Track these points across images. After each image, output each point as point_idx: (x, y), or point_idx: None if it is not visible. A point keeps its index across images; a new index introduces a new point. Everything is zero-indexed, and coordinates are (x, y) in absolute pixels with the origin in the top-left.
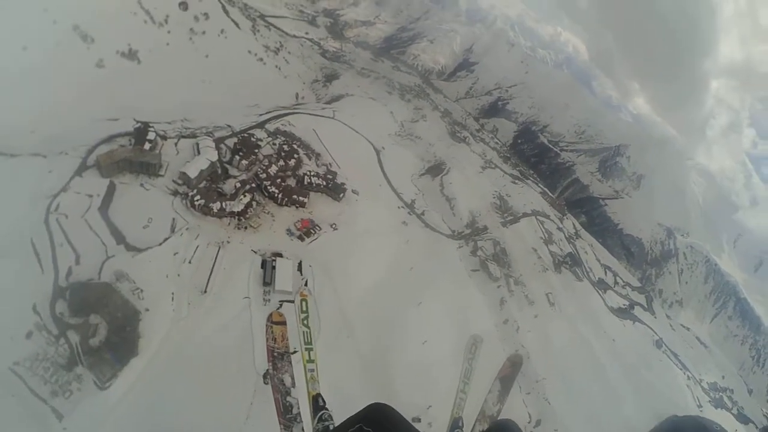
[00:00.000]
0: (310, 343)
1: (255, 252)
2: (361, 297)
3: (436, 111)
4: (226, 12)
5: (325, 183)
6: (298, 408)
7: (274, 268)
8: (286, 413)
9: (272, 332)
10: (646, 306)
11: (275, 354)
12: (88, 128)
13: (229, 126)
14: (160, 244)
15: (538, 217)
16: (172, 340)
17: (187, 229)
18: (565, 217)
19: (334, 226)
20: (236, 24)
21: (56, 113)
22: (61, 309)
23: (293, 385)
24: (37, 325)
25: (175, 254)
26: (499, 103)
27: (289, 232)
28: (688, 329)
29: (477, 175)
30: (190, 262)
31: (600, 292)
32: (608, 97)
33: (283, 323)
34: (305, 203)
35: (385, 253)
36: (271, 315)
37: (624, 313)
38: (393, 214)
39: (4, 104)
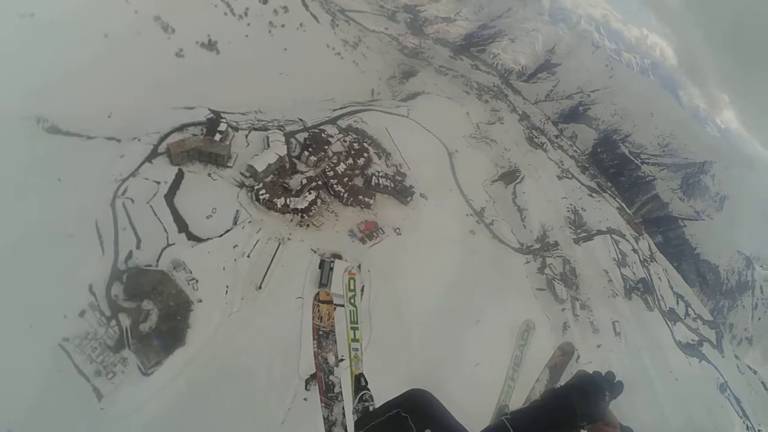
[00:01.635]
0: (356, 322)
1: (314, 251)
2: (418, 308)
3: (514, 114)
4: (306, 6)
5: (393, 185)
6: (340, 387)
7: (331, 269)
8: (328, 392)
9: (319, 311)
10: (715, 343)
11: (321, 333)
12: (163, 116)
13: (301, 120)
14: (221, 236)
15: (613, 235)
16: (221, 334)
17: (249, 222)
18: (641, 238)
19: (398, 230)
20: (315, 18)
21: (134, 100)
22: (117, 291)
23: (336, 364)
24: (92, 304)
25: (234, 247)
26: (581, 108)
27: (352, 233)
28: (755, 372)
29: (552, 185)
30: (248, 256)
31: (669, 324)
32: (695, 108)
33: (330, 302)
34: (371, 204)
35: (449, 263)
36: (318, 293)
37: (692, 349)
38: (461, 221)
39: (86, 89)
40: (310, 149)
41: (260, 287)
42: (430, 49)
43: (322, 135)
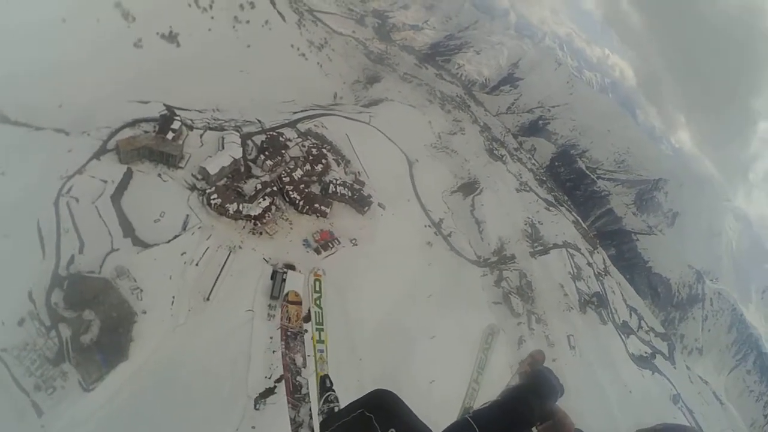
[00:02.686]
0: (321, 324)
1: (266, 261)
2: (372, 322)
3: (475, 125)
4: (273, 3)
5: (350, 193)
6: (307, 388)
7: (284, 281)
8: (296, 393)
9: (287, 311)
10: (667, 355)
11: (289, 333)
12: (117, 109)
13: (259, 121)
14: (169, 242)
15: (568, 249)
16: (165, 349)
17: (199, 228)
18: (596, 252)
19: (354, 241)
20: (282, 16)
21: (87, 90)
22: (57, 299)
23: (304, 365)
24: (31, 313)
25: (182, 254)
26: (540, 122)
27: (306, 243)
28: (706, 383)
29: (510, 198)
30: (197, 265)
31: (623, 337)
32: (651, 127)
33: (299, 303)
34: (327, 213)
35: (405, 275)
36: (287, 294)
37: (644, 362)
38: (418, 233)
39: (37, 75)
40: (267, 153)
41: (208, 298)
42: (395, 56)
43: (280, 138)
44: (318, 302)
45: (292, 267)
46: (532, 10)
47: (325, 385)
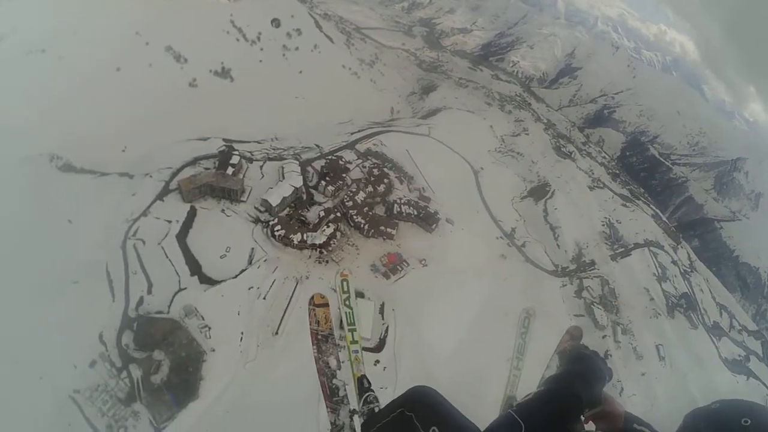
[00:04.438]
0: (353, 324)
1: (334, 290)
2: (447, 349)
3: (539, 123)
4: (319, 27)
5: (416, 212)
6: (345, 390)
7: None
8: (333, 396)
9: (315, 315)
10: (761, 355)
11: (320, 337)
12: (177, 148)
13: (318, 146)
14: (236, 277)
15: (651, 248)
16: (235, 386)
17: (265, 260)
18: (679, 246)
19: (423, 262)
20: (329, 38)
21: (148, 133)
22: (127, 340)
23: (339, 367)
24: (102, 355)
25: (249, 289)
26: (605, 111)
27: (374, 267)
28: None
29: (584, 197)
30: (264, 299)
31: (715, 341)
32: (721, 103)
33: (326, 305)
34: (393, 235)
35: (479, 293)
36: (312, 297)
37: (738, 366)
38: (490, 246)
39: (100, 123)
40: (328, 178)
41: (277, 332)
42: (448, 62)
43: (340, 162)
44: (347, 302)
45: (361, 294)
46: None
47: (363, 385)
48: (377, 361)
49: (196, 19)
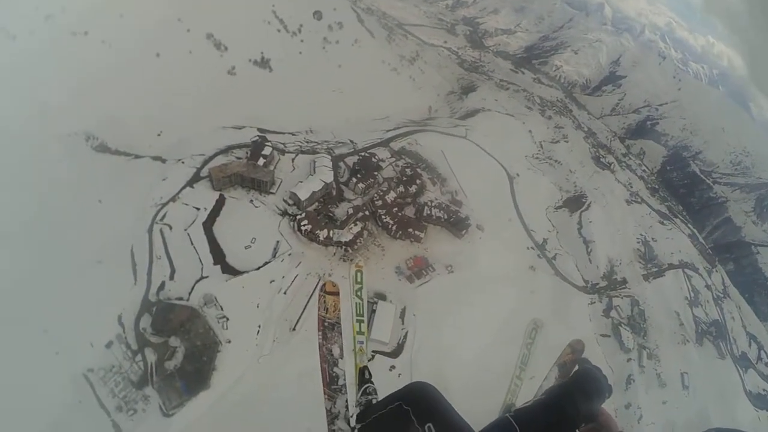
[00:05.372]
0: (362, 315)
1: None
2: (466, 360)
3: (579, 130)
4: (361, 21)
5: (446, 216)
6: (344, 380)
7: (373, 311)
8: (332, 384)
9: (325, 302)
10: None
11: (326, 324)
12: (212, 135)
13: (351, 142)
14: (258, 269)
15: (686, 270)
16: (248, 379)
17: (289, 254)
18: (714, 270)
19: (450, 268)
20: (371, 33)
21: (184, 118)
22: (145, 324)
23: (341, 356)
24: (119, 336)
25: (271, 282)
26: (648, 122)
27: (399, 270)
28: None
29: (621, 212)
30: (285, 293)
31: (741, 372)
32: (767, 122)
33: (336, 293)
34: (421, 238)
35: (505, 305)
36: (324, 285)
37: (762, 401)
38: (520, 256)
39: (137, 106)
40: (359, 175)
41: (294, 328)
42: (490, 63)
43: (373, 159)
44: (359, 293)
45: (382, 297)
46: (628, 2)
47: (363, 376)
48: (392, 367)
49: (237, 7)
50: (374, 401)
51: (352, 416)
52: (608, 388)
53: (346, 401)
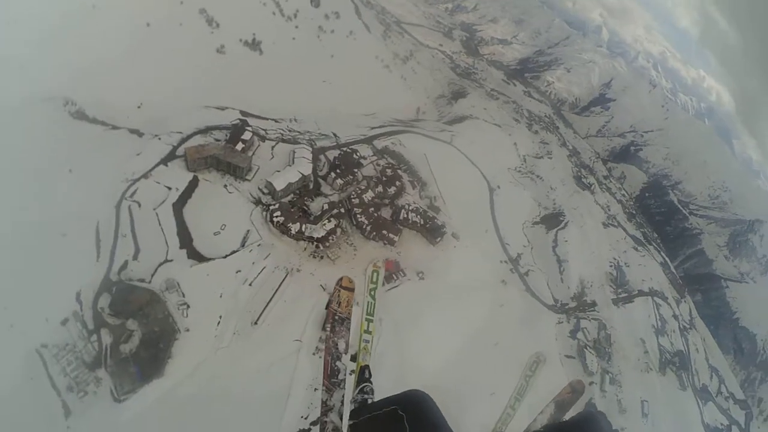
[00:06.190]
0: (372, 315)
1: (323, 288)
2: (428, 370)
3: (563, 148)
4: (359, 14)
5: (423, 221)
6: (344, 374)
7: None
8: (332, 377)
9: (338, 296)
10: (743, 426)
11: (336, 318)
12: (192, 114)
13: (335, 135)
14: (225, 257)
15: (655, 297)
16: (203, 371)
17: (258, 245)
18: (683, 300)
19: (421, 274)
20: (367, 27)
21: (167, 93)
22: (103, 304)
23: (345, 351)
24: (75, 314)
25: (237, 272)
26: (632, 147)
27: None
28: None
29: (597, 234)
30: (250, 285)
31: (700, 404)
32: (748, 160)
33: (351, 290)
34: (395, 241)
35: (473, 317)
36: (341, 279)
37: None
38: (493, 269)
39: (121, 76)
40: (339, 170)
41: (256, 322)
42: (483, 71)
43: (354, 156)
44: (372, 293)
45: None
46: (626, 27)
47: (363, 375)
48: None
49: None
50: (369, 401)
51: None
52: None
53: (342, 396)
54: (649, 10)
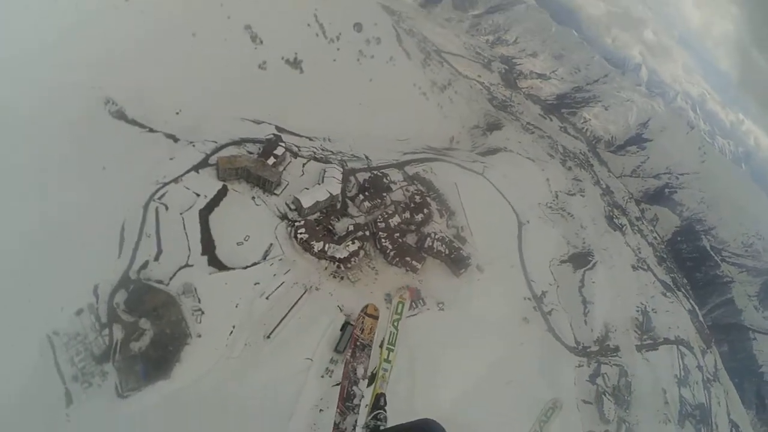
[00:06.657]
0: (393, 345)
1: (340, 309)
2: (439, 404)
3: (597, 186)
4: (400, 41)
5: (448, 251)
6: (359, 400)
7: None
8: (347, 400)
9: (363, 323)
10: None
11: (358, 344)
12: (229, 125)
13: (366, 158)
14: (245, 268)
15: (680, 346)
16: (210, 379)
17: (280, 259)
18: (708, 351)
19: (441, 305)
20: (407, 54)
21: (206, 102)
22: (119, 300)
23: (363, 377)
24: (91, 306)
25: (255, 284)
26: (667, 190)
27: (388, 297)
28: None
29: (625, 277)
30: (267, 298)
31: None
32: None
33: (376, 317)
34: (418, 269)
35: (490, 353)
36: (367, 306)
37: None
38: (516, 305)
39: (163, 81)
40: (367, 193)
41: (269, 336)
42: (520, 104)
43: (384, 180)
44: (395, 324)
45: None
46: (665, 66)
47: (378, 402)
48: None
49: (281, 5)
50: (381, 427)
51: None
52: None
53: (355, 422)
54: (689, 50)
